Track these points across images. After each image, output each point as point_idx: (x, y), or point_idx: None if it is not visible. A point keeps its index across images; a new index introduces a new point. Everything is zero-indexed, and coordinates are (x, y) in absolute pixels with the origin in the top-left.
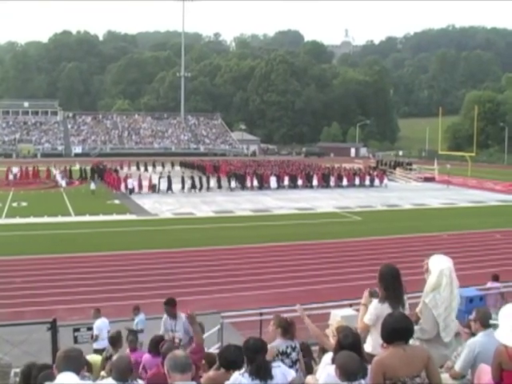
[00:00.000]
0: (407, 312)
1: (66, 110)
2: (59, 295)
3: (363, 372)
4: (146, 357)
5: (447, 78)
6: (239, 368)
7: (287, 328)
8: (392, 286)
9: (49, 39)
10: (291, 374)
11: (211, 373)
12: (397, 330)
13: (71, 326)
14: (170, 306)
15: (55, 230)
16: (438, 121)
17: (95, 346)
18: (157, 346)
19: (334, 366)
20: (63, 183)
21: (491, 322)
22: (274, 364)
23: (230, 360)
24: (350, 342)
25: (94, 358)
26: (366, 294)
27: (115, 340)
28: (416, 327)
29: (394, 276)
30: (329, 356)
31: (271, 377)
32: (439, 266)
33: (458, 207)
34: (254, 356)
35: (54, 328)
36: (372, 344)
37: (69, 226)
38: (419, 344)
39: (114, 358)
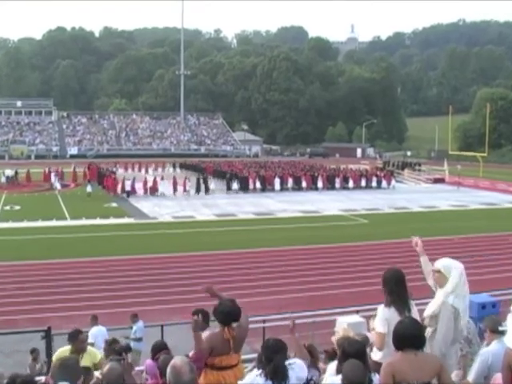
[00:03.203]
0: (416, 317)
1: (60, 110)
2: (54, 302)
3: (368, 382)
4: (149, 363)
5: (457, 75)
6: (235, 320)
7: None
8: (396, 291)
9: (42, 36)
10: (304, 373)
11: (207, 334)
12: (407, 337)
13: (66, 335)
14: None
15: (50, 235)
16: (448, 120)
17: None
18: (159, 352)
19: (339, 376)
20: (58, 186)
21: (501, 328)
22: (289, 362)
23: (225, 312)
24: (355, 349)
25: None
26: (372, 320)
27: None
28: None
29: (397, 280)
30: (334, 365)
31: (287, 378)
32: (456, 266)
33: (469, 209)
34: (272, 356)
35: (48, 337)
36: (383, 352)
37: (64, 230)
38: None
39: (105, 368)
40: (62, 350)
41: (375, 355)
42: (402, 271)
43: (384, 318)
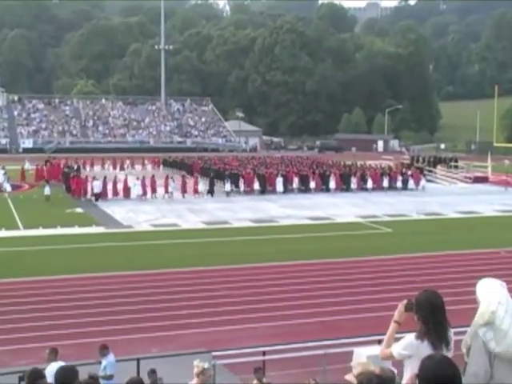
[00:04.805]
0: (451, 353)
1: (10, 92)
2: (1, 333)
3: None
4: None
5: (506, 47)
6: None
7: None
8: (432, 319)
9: None
10: None
11: None
12: (439, 379)
13: (16, 374)
14: None
15: None
16: (493, 104)
17: None
18: None
19: None
20: (8, 187)
21: None
22: None
23: None
24: None
25: None
26: (400, 307)
27: None
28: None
29: (434, 306)
30: None
31: None
32: (490, 292)
33: None
34: None
35: None
36: None
37: (16, 242)
38: None
39: None
40: None
41: None
42: (440, 294)
43: (408, 353)
